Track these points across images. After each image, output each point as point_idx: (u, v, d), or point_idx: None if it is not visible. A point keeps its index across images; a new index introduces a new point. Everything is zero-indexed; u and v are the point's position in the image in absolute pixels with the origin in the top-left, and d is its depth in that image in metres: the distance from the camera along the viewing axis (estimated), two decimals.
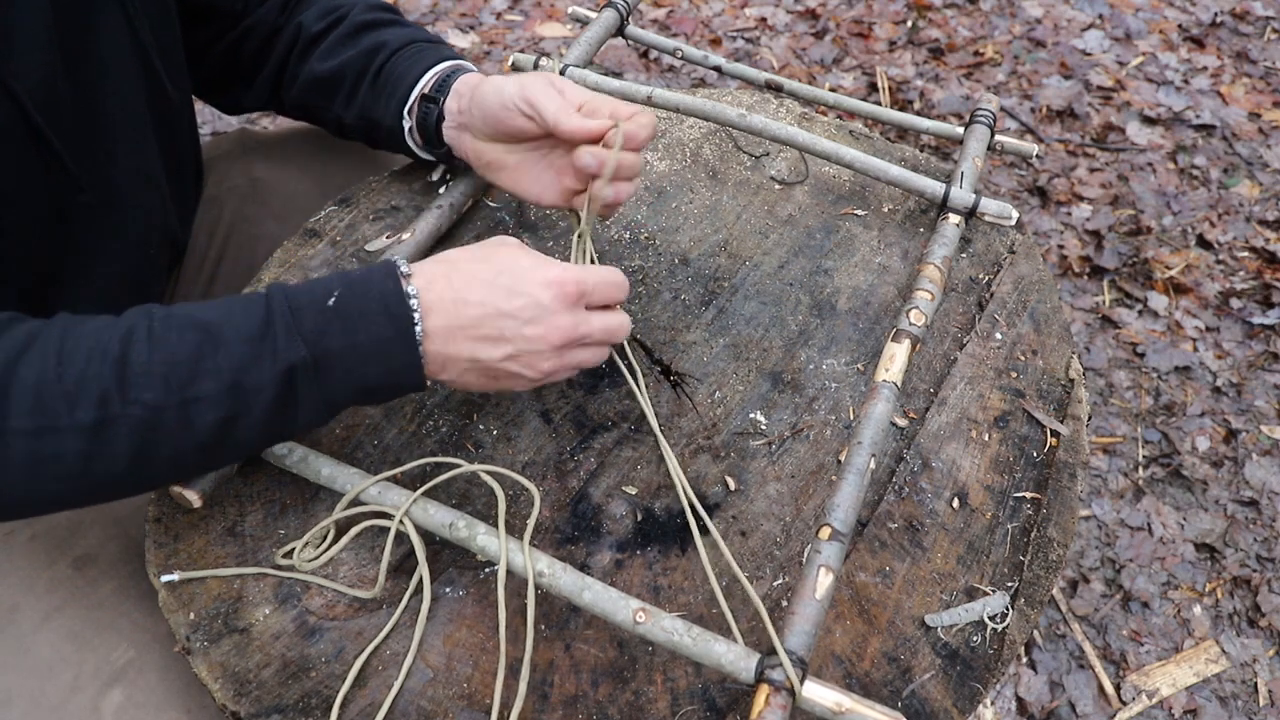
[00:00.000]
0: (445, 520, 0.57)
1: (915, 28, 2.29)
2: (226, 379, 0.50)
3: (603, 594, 0.54)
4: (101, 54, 0.65)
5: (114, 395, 0.49)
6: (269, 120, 2.04)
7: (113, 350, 0.50)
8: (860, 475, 0.60)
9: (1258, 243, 1.78)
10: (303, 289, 0.54)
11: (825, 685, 0.50)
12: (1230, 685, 1.23)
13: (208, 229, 0.92)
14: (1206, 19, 2.30)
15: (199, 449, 0.52)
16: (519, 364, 0.57)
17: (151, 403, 0.49)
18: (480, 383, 0.59)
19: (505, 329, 0.55)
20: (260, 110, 0.90)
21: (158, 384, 0.49)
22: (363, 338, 0.53)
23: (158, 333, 0.51)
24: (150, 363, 0.50)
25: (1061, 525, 0.64)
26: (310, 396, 0.53)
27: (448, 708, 0.54)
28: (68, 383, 0.48)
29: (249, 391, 0.51)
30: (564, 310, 0.57)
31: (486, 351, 0.56)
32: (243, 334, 0.51)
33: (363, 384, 0.54)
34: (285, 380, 0.51)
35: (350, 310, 0.53)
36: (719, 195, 0.85)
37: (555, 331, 0.56)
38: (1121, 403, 1.54)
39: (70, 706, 0.61)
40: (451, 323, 0.55)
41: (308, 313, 0.52)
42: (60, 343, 0.50)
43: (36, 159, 0.61)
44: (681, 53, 0.96)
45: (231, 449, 0.54)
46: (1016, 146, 0.87)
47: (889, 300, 0.77)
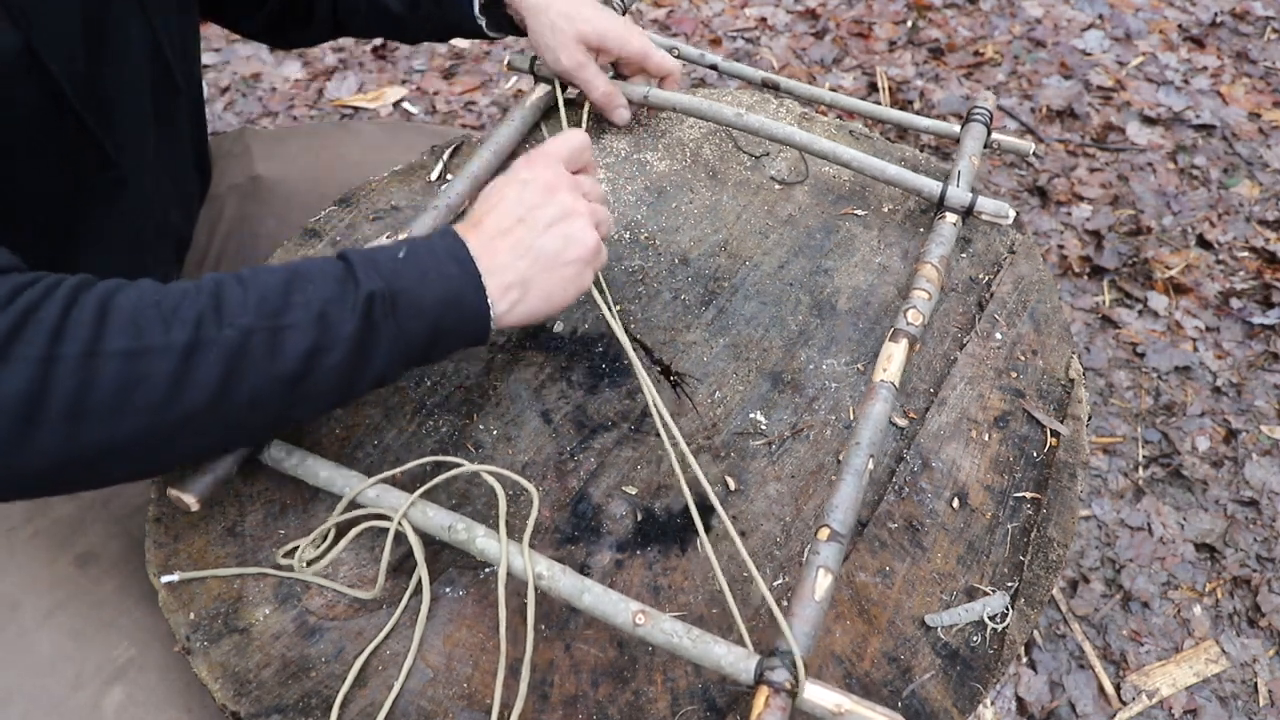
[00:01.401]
0: (445, 523, 0.58)
1: (915, 28, 2.29)
2: (315, 308, 0.52)
3: (602, 596, 0.54)
4: (118, 39, 0.66)
5: (210, 318, 0.50)
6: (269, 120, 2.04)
7: (207, 286, 0.52)
8: (859, 476, 0.60)
9: (1258, 243, 1.78)
10: (374, 247, 0.58)
11: (825, 686, 0.50)
12: (1230, 685, 1.23)
13: (208, 227, 0.92)
14: (1206, 19, 2.30)
15: (282, 383, 0.52)
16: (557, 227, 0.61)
17: (245, 326, 0.50)
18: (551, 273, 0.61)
19: (519, 213, 0.61)
20: (317, 43, 0.98)
21: (251, 310, 0.51)
22: (433, 275, 0.56)
23: (246, 277, 0.53)
24: (246, 295, 0.52)
25: (1061, 525, 0.64)
26: (387, 333, 0.54)
27: (448, 708, 0.54)
28: (164, 309, 0.50)
29: (334, 322, 0.53)
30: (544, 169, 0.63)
31: (521, 240, 0.60)
32: (327, 274, 0.54)
33: (435, 318, 0.56)
34: (366, 310, 0.53)
35: (419, 257, 0.57)
36: (719, 195, 0.85)
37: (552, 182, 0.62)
38: (1121, 403, 1.54)
39: (71, 704, 0.61)
40: (481, 239, 0.59)
41: (382, 260, 0.56)
42: (154, 286, 0.52)
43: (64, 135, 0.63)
44: (678, 51, 0.96)
45: (307, 395, 0.54)
46: (1013, 144, 0.87)
47: (889, 300, 0.77)
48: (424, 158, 0.87)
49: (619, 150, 0.89)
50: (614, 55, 0.85)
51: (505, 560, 0.55)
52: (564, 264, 0.61)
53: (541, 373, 0.70)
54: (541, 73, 0.88)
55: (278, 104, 2.08)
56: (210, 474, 0.60)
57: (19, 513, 0.69)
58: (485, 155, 0.82)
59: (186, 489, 0.59)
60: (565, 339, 0.73)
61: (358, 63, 2.18)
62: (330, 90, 2.11)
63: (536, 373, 0.70)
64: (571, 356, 0.72)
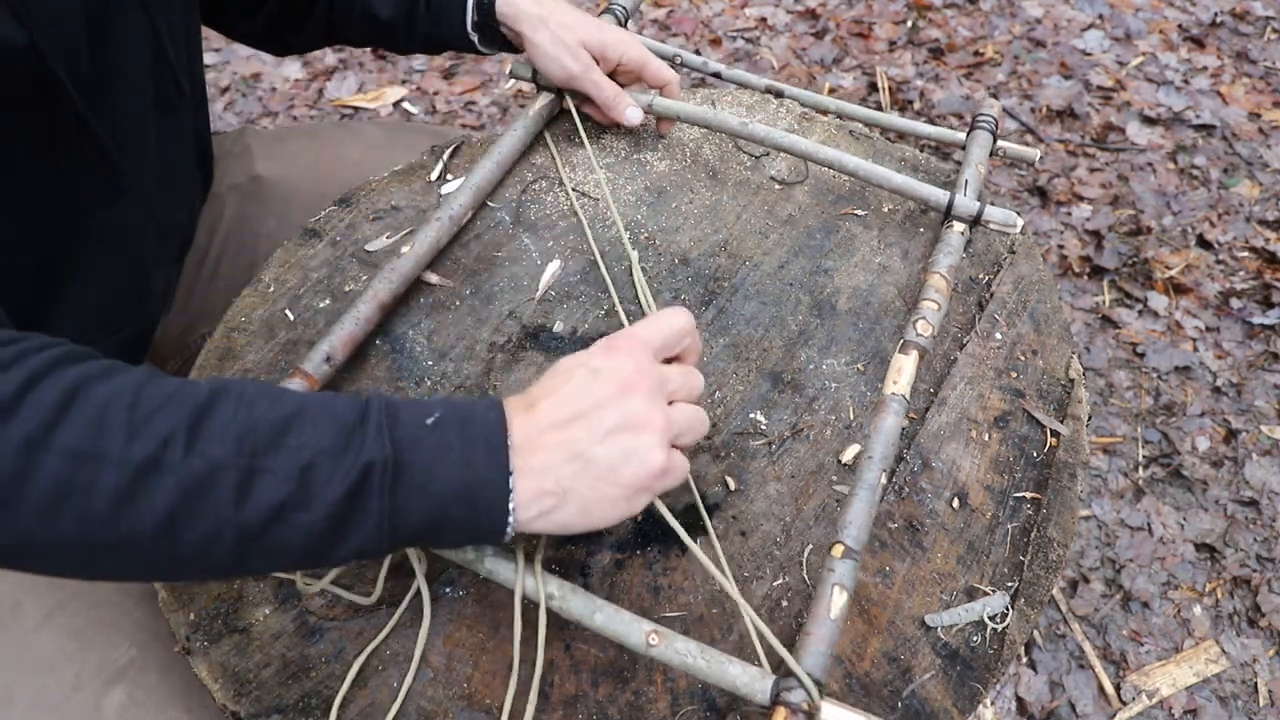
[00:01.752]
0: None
1: (915, 28, 2.29)
2: (303, 458, 0.45)
3: (614, 616, 0.53)
4: (120, 39, 0.66)
5: (179, 439, 0.43)
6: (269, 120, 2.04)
7: (198, 398, 0.45)
8: (872, 491, 0.59)
9: (1258, 243, 1.78)
10: (406, 402, 0.49)
11: (844, 707, 0.49)
12: (1230, 685, 1.23)
13: (209, 227, 0.92)
14: (1206, 19, 2.30)
15: (237, 534, 0.44)
16: (620, 438, 0.49)
17: (215, 460, 0.43)
18: (598, 490, 0.49)
19: (580, 407, 0.50)
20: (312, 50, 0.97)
21: (230, 442, 0.44)
22: (454, 456, 0.47)
23: (250, 396, 0.46)
24: (232, 421, 0.45)
25: (1061, 525, 0.64)
26: (378, 506, 0.46)
27: (448, 708, 0.54)
28: (137, 413, 0.43)
29: (319, 480, 0.45)
30: (626, 360, 0.52)
31: (574, 436, 0.49)
32: (337, 419, 0.46)
33: (440, 506, 0.47)
34: (360, 478, 0.45)
35: (447, 430, 0.48)
36: (719, 195, 0.85)
37: (631, 379, 0.51)
38: (1121, 403, 1.54)
39: (72, 704, 0.61)
40: (528, 427, 0.49)
41: (405, 422, 0.47)
42: (145, 379, 0.45)
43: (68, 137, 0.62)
44: (680, 58, 0.96)
45: (266, 552, 0.45)
46: (1019, 153, 0.87)
47: (889, 300, 0.77)
48: (424, 158, 0.88)
49: (619, 150, 0.89)
50: (614, 63, 0.85)
51: (521, 579, 0.54)
52: (615, 483, 0.49)
53: (541, 373, 0.70)
54: (544, 81, 0.88)
55: (278, 104, 2.08)
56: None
57: None
58: (488, 166, 0.82)
59: None
60: (565, 339, 0.73)
61: (358, 63, 2.18)
62: (330, 90, 2.11)
63: (536, 373, 0.70)
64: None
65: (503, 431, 0.48)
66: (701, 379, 0.56)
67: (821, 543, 0.62)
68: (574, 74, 0.83)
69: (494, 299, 0.75)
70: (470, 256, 0.79)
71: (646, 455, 0.49)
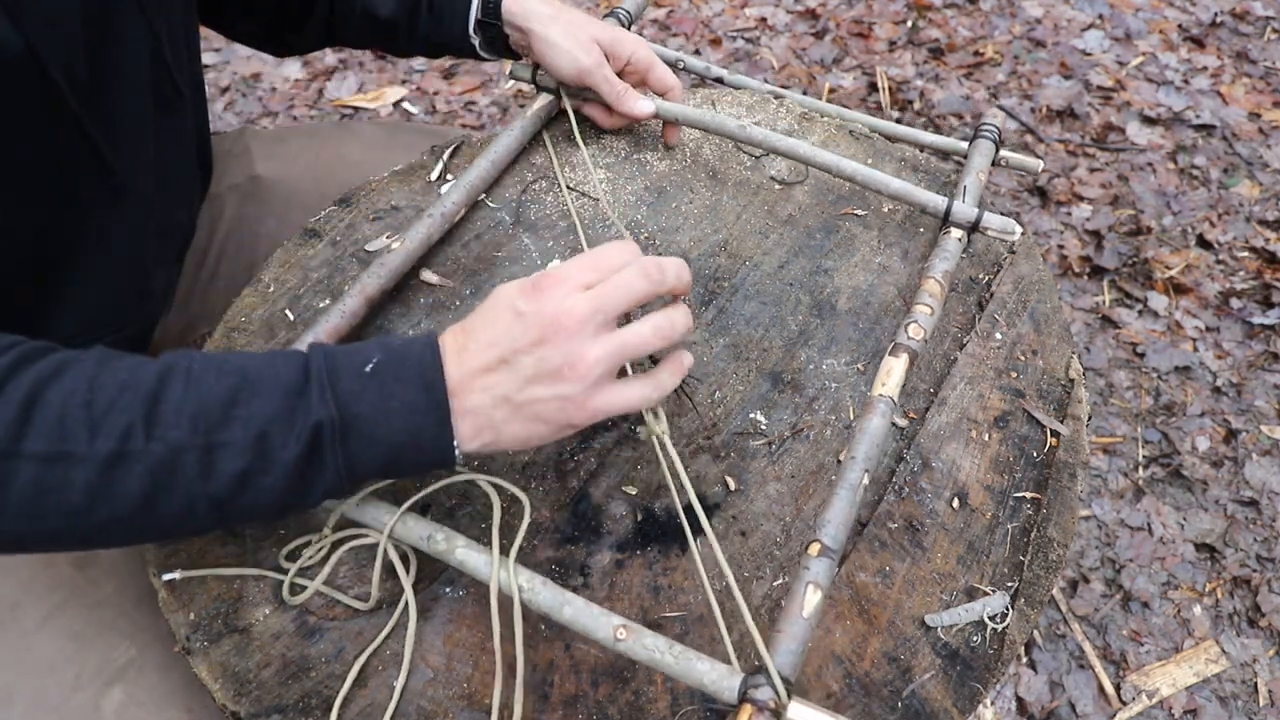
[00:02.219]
0: (424, 533, 0.57)
1: (915, 28, 2.29)
2: (255, 427, 0.48)
3: (583, 610, 0.53)
4: (118, 41, 0.66)
5: (139, 429, 0.46)
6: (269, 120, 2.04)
7: (147, 384, 0.48)
8: (853, 491, 0.59)
9: (1258, 243, 1.78)
10: (343, 351, 0.51)
11: (811, 706, 0.49)
12: (1230, 685, 1.23)
13: (208, 227, 0.92)
14: (1206, 19, 2.30)
15: (210, 503, 0.48)
16: (543, 386, 0.51)
17: (175, 442, 0.46)
18: (532, 426, 0.52)
19: (503, 354, 0.51)
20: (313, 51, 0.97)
21: (185, 423, 0.47)
22: (395, 403, 0.50)
23: (195, 374, 0.49)
24: (184, 401, 0.47)
25: (1061, 525, 0.64)
26: (334, 460, 0.49)
27: (448, 708, 0.54)
28: (95, 410, 0.46)
29: (274, 447, 0.48)
30: (544, 301, 0.52)
31: (500, 385, 0.51)
32: (280, 385, 0.49)
33: (390, 451, 0.50)
34: (311, 439, 0.48)
35: (387, 375, 0.50)
36: (719, 195, 0.85)
37: (546, 324, 0.51)
38: (1121, 403, 1.54)
39: (71, 705, 0.61)
40: (463, 373, 0.51)
41: (344, 375, 0.50)
42: (96, 371, 0.48)
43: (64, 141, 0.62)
44: (684, 64, 0.96)
45: (242, 511, 0.50)
46: (1022, 162, 0.87)
47: (889, 300, 0.77)
48: (424, 158, 0.87)
49: (619, 150, 0.89)
50: (623, 61, 0.85)
51: (496, 570, 0.54)
52: (543, 422, 0.52)
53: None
54: (544, 83, 0.88)
55: (278, 104, 2.08)
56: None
57: None
58: (483, 165, 0.82)
59: None
60: None
61: (358, 63, 2.18)
62: (330, 90, 2.11)
63: None
64: None
65: (438, 372, 0.50)
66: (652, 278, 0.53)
67: None
68: (586, 68, 0.82)
69: None
70: (470, 256, 0.79)
71: (565, 402, 0.51)
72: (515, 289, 0.53)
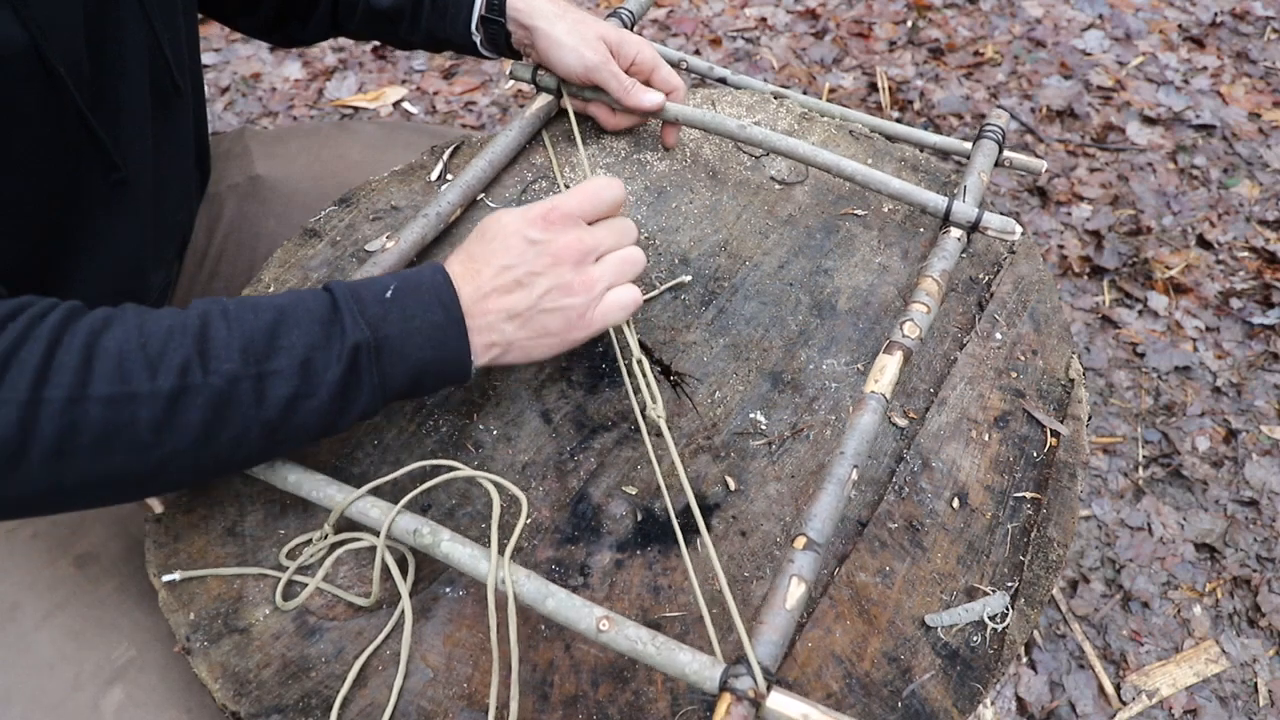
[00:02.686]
0: (410, 527, 0.57)
1: (915, 28, 2.29)
2: (299, 355, 0.53)
3: (566, 601, 0.53)
4: (118, 39, 0.66)
5: (195, 364, 0.50)
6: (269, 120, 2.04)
7: (192, 326, 0.52)
8: (841, 486, 0.59)
9: (1258, 243, 1.78)
10: (362, 283, 0.57)
11: (792, 696, 0.49)
12: (1230, 685, 1.23)
13: (207, 227, 0.92)
14: (1206, 19, 2.30)
15: (263, 429, 0.53)
16: (554, 299, 0.60)
17: (230, 373, 0.51)
18: (536, 341, 0.61)
19: (518, 276, 0.59)
20: (316, 43, 0.97)
21: (236, 356, 0.51)
22: (418, 323, 0.56)
23: (233, 313, 0.53)
24: (230, 337, 0.52)
25: (1061, 525, 0.64)
26: (371, 378, 0.55)
27: (448, 708, 0.54)
28: (150, 352, 0.50)
29: (318, 369, 0.53)
30: (559, 233, 0.61)
31: (516, 304, 0.59)
32: (314, 316, 0.54)
33: (417, 365, 0.57)
34: (351, 360, 0.54)
35: (406, 299, 0.57)
36: (719, 195, 0.85)
37: (563, 252, 0.60)
38: (1121, 403, 1.54)
39: (71, 705, 0.61)
40: (475, 293, 0.59)
41: (369, 302, 0.56)
42: (139, 320, 0.52)
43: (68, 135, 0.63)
44: (687, 64, 0.96)
45: (289, 435, 0.55)
46: (1025, 163, 0.87)
47: (889, 300, 0.77)
48: (424, 158, 0.87)
49: (619, 150, 0.89)
50: (628, 61, 0.84)
51: (494, 568, 0.54)
52: (549, 334, 0.61)
53: (541, 373, 0.70)
54: (544, 83, 0.88)
55: (278, 104, 2.08)
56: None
57: None
58: (480, 165, 0.81)
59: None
60: None
61: (358, 63, 2.18)
62: (330, 90, 2.11)
63: (536, 373, 0.70)
64: (571, 356, 0.72)
65: (452, 293, 0.57)
66: (631, 228, 0.65)
67: None
68: (593, 64, 0.82)
69: None
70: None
71: (572, 312, 0.61)
72: (523, 221, 0.61)
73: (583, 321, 0.61)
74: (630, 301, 0.63)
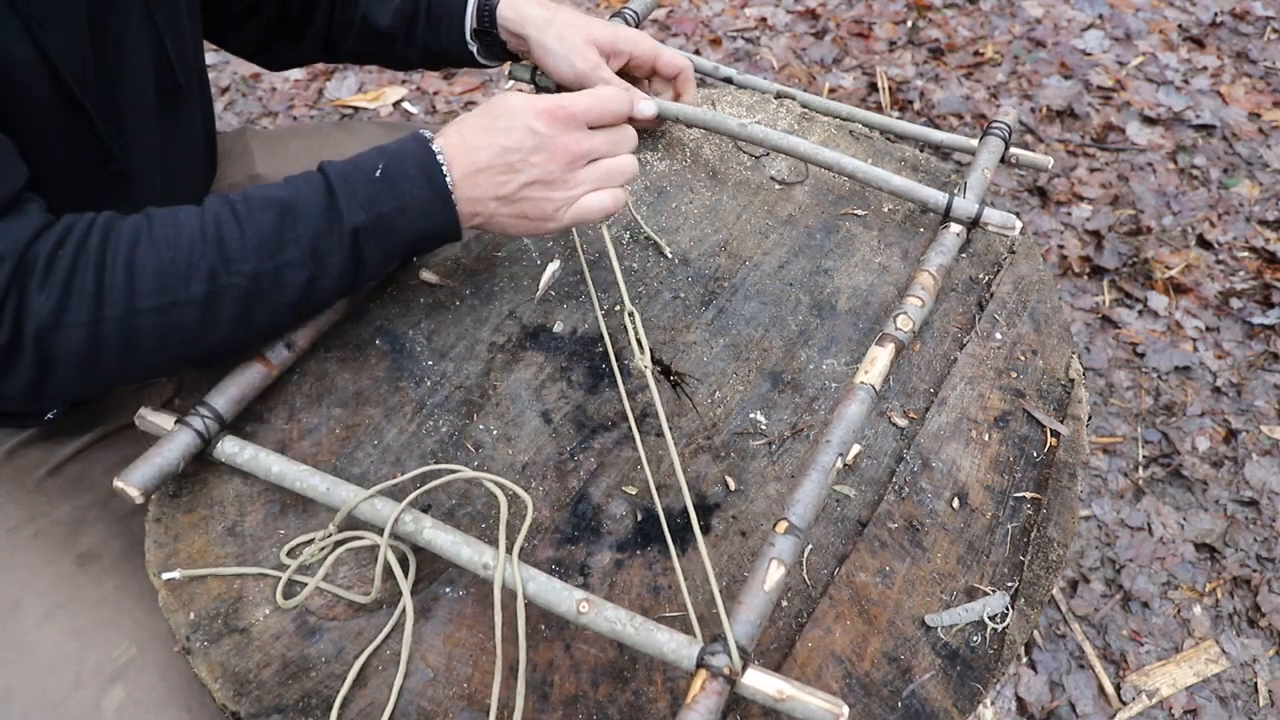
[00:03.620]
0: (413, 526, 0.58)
1: (915, 28, 2.29)
2: (306, 245, 0.60)
3: (546, 585, 0.54)
4: (122, 37, 0.66)
5: (220, 269, 0.57)
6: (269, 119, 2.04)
7: (210, 232, 0.58)
8: (824, 474, 0.60)
9: (1258, 243, 1.78)
10: (350, 164, 0.63)
11: (767, 673, 0.50)
12: (1230, 685, 1.23)
13: None
14: (1206, 19, 2.30)
15: (289, 307, 0.61)
16: (538, 189, 0.65)
17: (250, 272, 0.58)
18: (514, 220, 0.66)
19: (513, 161, 0.64)
20: (308, 63, 0.95)
21: (253, 255, 0.58)
22: (408, 199, 0.62)
23: (242, 213, 0.59)
24: (244, 239, 0.58)
25: (1061, 525, 0.64)
26: (372, 253, 0.62)
27: (448, 708, 0.54)
28: (180, 264, 0.57)
29: (325, 254, 0.60)
30: (561, 132, 0.65)
31: (504, 185, 0.64)
32: (314, 206, 0.60)
33: (411, 237, 0.64)
34: (352, 241, 0.61)
35: (395, 177, 0.62)
36: (719, 195, 0.85)
37: (559, 152, 0.64)
38: (1121, 403, 1.54)
39: (71, 703, 0.61)
40: (468, 168, 0.64)
41: (360, 184, 0.61)
42: (164, 232, 0.58)
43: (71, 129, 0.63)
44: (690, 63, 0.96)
45: (314, 305, 0.64)
46: (1031, 160, 0.87)
47: (889, 300, 0.77)
48: None
49: None
50: (625, 57, 0.84)
51: (501, 566, 0.55)
52: (528, 218, 0.66)
53: (541, 373, 0.70)
54: (543, 83, 0.88)
55: (278, 104, 2.08)
56: (154, 466, 0.60)
57: (19, 513, 0.69)
58: None
59: (130, 482, 0.59)
60: (565, 339, 0.73)
61: None
62: (330, 90, 2.11)
63: (536, 373, 0.70)
64: (571, 356, 0.72)
65: (436, 167, 0.63)
66: (630, 139, 0.70)
67: (822, 543, 0.62)
68: (582, 73, 0.82)
69: (494, 299, 0.75)
70: (470, 256, 0.79)
71: (549, 205, 0.66)
72: (532, 112, 0.64)
73: (558, 214, 0.67)
74: (606, 205, 0.67)
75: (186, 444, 0.61)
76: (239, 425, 0.66)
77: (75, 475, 0.72)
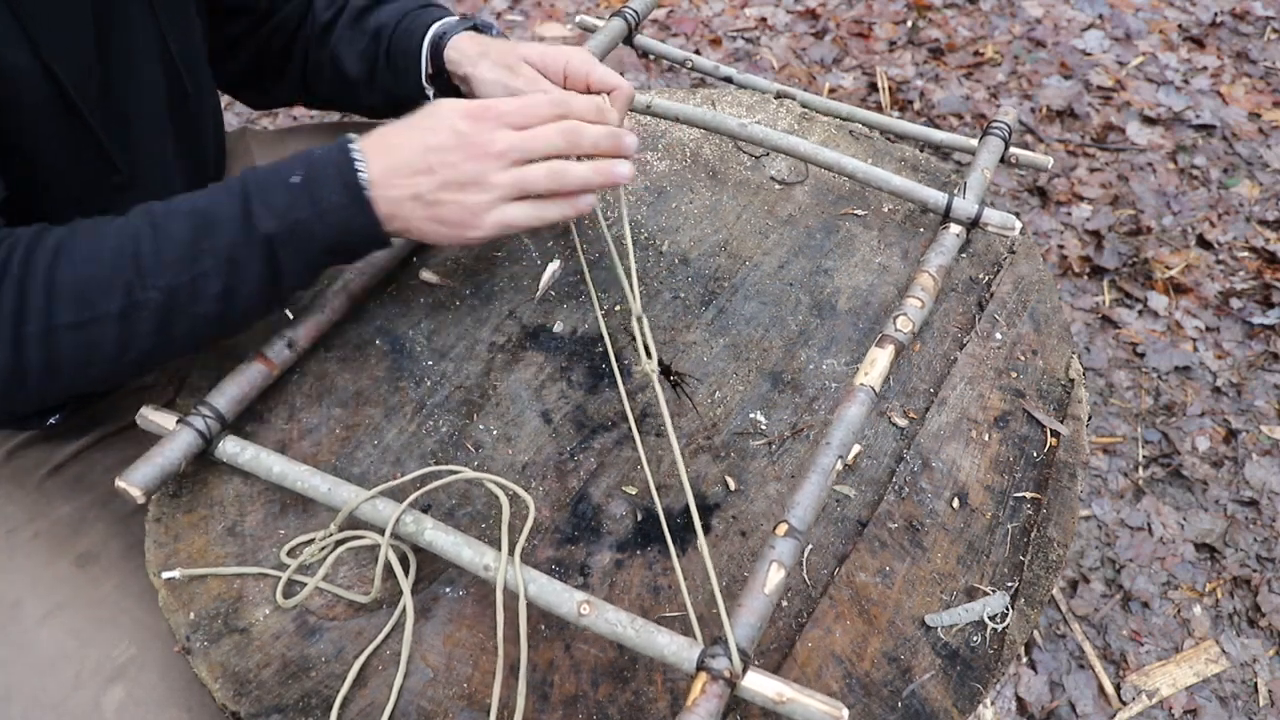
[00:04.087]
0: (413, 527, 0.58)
1: (915, 28, 2.29)
2: (222, 254, 0.58)
3: (547, 586, 0.54)
4: (129, 46, 0.66)
5: (136, 284, 0.56)
6: (269, 120, 2.04)
7: (127, 247, 0.57)
8: (824, 475, 0.60)
9: (1258, 243, 1.78)
10: (271, 170, 0.61)
11: (767, 675, 0.50)
12: (1230, 685, 1.23)
13: None
14: (1206, 19, 2.30)
15: (208, 320, 0.60)
16: (452, 192, 0.62)
17: (165, 285, 0.57)
18: (433, 226, 0.63)
19: (431, 161, 0.61)
20: (289, 104, 0.95)
21: (168, 268, 0.57)
22: (325, 205, 0.60)
23: (160, 225, 0.58)
24: (160, 252, 0.57)
25: (1061, 525, 0.64)
26: (289, 262, 0.60)
27: (448, 708, 0.54)
28: (99, 280, 0.56)
29: (241, 264, 0.59)
30: (483, 131, 0.62)
31: (419, 185, 0.61)
32: (229, 215, 0.59)
33: (330, 244, 0.61)
34: (268, 252, 0.59)
35: (314, 181, 0.60)
36: (719, 195, 0.85)
37: (473, 148, 0.61)
38: (1121, 403, 1.54)
39: (71, 703, 0.61)
40: (385, 169, 0.61)
41: (276, 191, 0.59)
42: (84, 247, 0.57)
43: (73, 140, 0.63)
44: (692, 64, 0.96)
45: (236, 317, 0.61)
46: (1031, 159, 0.87)
47: (889, 300, 0.77)
48: None
49: None
50: (560, 75, 0.79)
51: (504, 567, 0.55)
52: (447, 225, 0.63)
53: (541, 373, 0.70)
54: None
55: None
56: (156, 466, 0.60)
57: (20, 513, 0.69)
58: None
59: (132, 481, 0.59)
60: (565, 339, 0.73)
61: None
62: None
63: (536, 373, 0.70)
64: (571, 356, 0.72)
65: (354, 173, 0.60)
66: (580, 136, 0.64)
67: (822, 543, 0.62)
68: (517, 89, 0.78)
69: (494, 299, 0.75)
70: (470, 256, 0.79)
71: (464, 210, 0.62)
72: (459, 112, 0.63)
73: (476, 221, 0.63)
74: (525, 218, 0.64)
75: (188, 444, 0.61)
76: (239, 425, 0.66)
77: (75, 476, 0.73)
